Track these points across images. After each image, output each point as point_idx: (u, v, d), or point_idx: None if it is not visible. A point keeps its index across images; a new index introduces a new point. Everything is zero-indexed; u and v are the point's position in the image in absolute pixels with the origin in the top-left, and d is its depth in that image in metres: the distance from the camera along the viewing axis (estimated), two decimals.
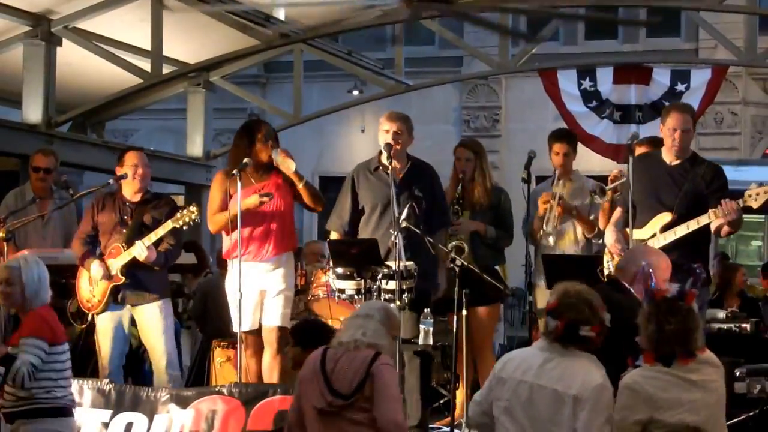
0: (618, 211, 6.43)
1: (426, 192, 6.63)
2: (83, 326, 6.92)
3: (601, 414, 4.08)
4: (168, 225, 6.53)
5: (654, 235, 6.04)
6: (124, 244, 6.62)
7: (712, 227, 5.99)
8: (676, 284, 4.38)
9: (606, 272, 6.31)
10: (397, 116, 6.75)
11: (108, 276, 6.63)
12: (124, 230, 6.69)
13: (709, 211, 5.88)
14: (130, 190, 6.80)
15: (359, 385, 4.52)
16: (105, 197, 6.94)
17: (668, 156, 6.18)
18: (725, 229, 5.97)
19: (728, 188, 6.06)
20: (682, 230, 5.95)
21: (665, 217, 6.03)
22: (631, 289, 5.04)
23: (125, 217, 6.76)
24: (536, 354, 4.29)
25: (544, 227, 7.11)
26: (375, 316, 4.76)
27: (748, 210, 5.90)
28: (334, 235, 6.87)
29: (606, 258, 6.38)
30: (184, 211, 6.49)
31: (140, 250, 6.53)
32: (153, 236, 6.55)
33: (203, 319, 8.45)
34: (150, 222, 6.67)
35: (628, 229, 6.24)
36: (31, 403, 5.23)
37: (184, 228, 6.59)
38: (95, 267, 6.67)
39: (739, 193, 5.96)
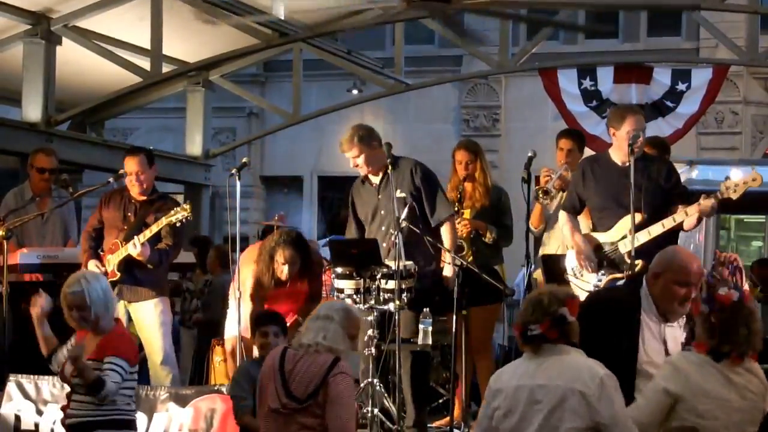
0: (567, 217, 6.35)
1: (411, 187, 6.58)
2: None
3: (618, 399, 4.11)
4: (162, 222, 6.55)
5: (624, 237, 6.01)
6: (122, 241, 6.64)
7: (685, 224, 5.98)
8: (733, 289, 4.35)
9: (573, 284, 6.25)
10: (346, 142, 6.61)
11: (104, 274, 6.63)
12: (126, 227, 6.71)
13: (689, 207, 5.87)
14: (134, 191, 6.83)
15: (314, 391, 4.58)
16: (113, 193, 6.99)
17: (619, 157, 6.14)
18: (694, 223, 5.95)
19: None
20: (657, 229, 5.91)
21: (635, 218, 6.00)
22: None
23: (129, 214, 6.80)
24: (527, 362, 4.28)
25: (543, 187, 7.03)
26: (335, 318, 4.79)
27: (728, 201, 5.86)
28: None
29: (572, 266, 6.29)
30: (178, 208, 6.51)
31: (133, 247, 6.54)
32: (148, 233, 6.57)
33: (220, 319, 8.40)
34: (152, 221, 6.68)
35: (593, 234, 6.23)
36: (110, 413, 5.08)
37: (177, 225, 6.58)
38: (91, 266, 6.69)
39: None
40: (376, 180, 6.67)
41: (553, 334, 4.18)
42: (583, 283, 6.17)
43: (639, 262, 5.94)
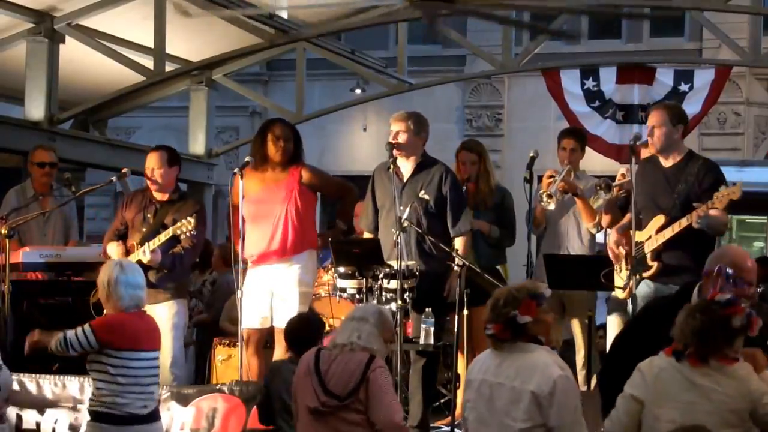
0: (626, 216, 6.39)
1: (437, 193, 6.55)
2: None
3: (570, 405, 4.13)
4: (168, 233, 6.53)
5: (650, 238, 6.03)
6: (138, 244, 6.63)
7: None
8: (728, 294, 4.25)
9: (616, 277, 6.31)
10: (400, 116, 6.72)
11: (125, 253, 6.65)
12: (144, 229, 6.71)
13: (689, 213, 5.85)
14: (152, 188, 6.83)
15: (355, 388, 4.61)
16: (135, 194, 7.02)
17: (662, 157, 6.16)
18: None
19: (723, 183, 5.96)
20: (668, 232, 5.93)
21: (660, 220, 6.02)
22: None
23: (148, 215, 6.79)
24: (492, 355, 4.37)
25: (546, 190, 6.96)
26: (370, 320, 4.83)
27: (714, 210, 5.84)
28: (367, 235, 6.88)
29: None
30: (183, 221, 6.48)
31: (143, 254, 6.54)
32: (156, 241, 6.55)
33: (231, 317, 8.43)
34: (170, 224, 6.67)
35: (631, 232, 6.24)
36: (90, 405, 5.25)
37: (182, 237, 6.58)
38: (112, 247, 6.70)
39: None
40: (405, 171, 6.63)
41: (505, 335, 4.26)
42: (621, 280, 6.26)
43: (655, 264, 5.97)
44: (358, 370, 4.63)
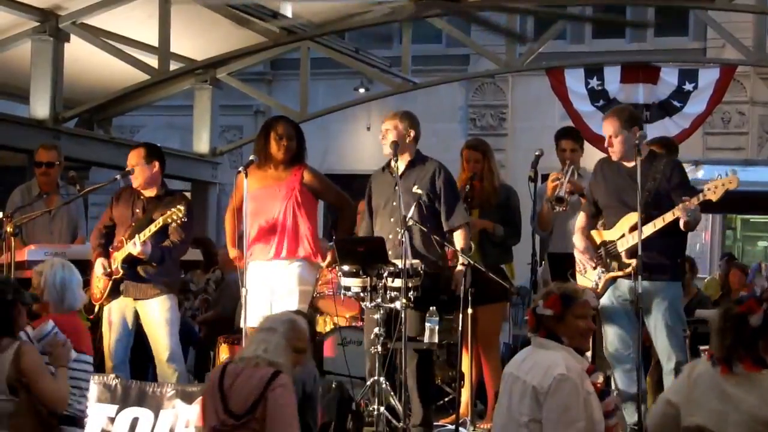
0: (582, 216, 6.40)
1: (430, 188, 6.55)
2: (91, 318, 6.92)
3: (559, 404, 4.15)
4: (159, 222, 6.53)
5: (623, 236, 6.03)
6: (127, 239, 6.64)
7: (681, 224, 5.91)
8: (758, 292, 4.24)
9: (578, 277, 6.29)
10: (391, 115, 6.74)
11: (108, 274, 6.67)
12: (133, 224, 6.72)
13: (675, 208, 5.86)
14: (134, 185, 6.84)
15: (252, 406, 4.43)
16: (123, 190, 7.00)
17: (623, 160, 6.16)
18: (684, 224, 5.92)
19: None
20: (649, 229, 5.91)
21: (633, 217, 6.00)
22: None
23: (137, 210, 6.80)
24: (525, 350, 4.49)
25: (554, 195, 6.92)
26: (278, 330, 4.65)
27: (708, 203, 5.85)
28: None
29: (578, 262, 6.35)
30: (173, 209, 6.49)
31: (133, 246, 6.55)
32: (147, 232, 6.55)
33: (231, 316, 8.44)
34: (159, 218, 6.67)
35: (593, 232, 6.26)
36: None
37: (184, 221, 6.59)
38: (97, 264, 6.72)
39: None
40: (399, 168, 6.67)
41: (532, 323, 4.42)
42: (587, 281, 6.21)
43: (632, 261, 5.98)
44: (258, 387, 4.44)
